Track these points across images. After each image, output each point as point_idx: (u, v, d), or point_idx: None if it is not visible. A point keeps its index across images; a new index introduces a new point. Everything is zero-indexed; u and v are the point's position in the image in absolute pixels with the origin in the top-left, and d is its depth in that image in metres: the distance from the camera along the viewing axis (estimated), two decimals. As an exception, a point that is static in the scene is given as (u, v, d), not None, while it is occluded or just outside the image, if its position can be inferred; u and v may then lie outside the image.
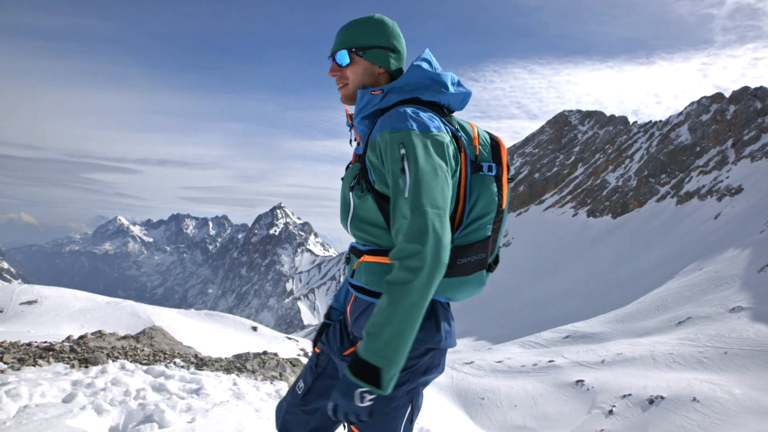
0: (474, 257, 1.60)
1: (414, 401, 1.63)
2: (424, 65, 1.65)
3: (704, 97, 50.99)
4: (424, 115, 1.54)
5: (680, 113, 52.68)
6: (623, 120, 65.09)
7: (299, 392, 1.89)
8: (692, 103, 52.07)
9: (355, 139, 1.75)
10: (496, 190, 1.65)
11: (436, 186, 1.42)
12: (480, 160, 1.65)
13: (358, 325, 1.67)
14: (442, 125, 1.57)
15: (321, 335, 1.95)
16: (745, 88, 46.89)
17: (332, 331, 1.88)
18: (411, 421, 1.64)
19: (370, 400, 1.40)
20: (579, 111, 73.01)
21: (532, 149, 72.87)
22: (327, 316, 1.98)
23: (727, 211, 34.70)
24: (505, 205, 1.68)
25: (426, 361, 1.62)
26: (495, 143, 1.72)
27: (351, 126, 1.75)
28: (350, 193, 1.63)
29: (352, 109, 1.77)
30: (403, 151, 1.46)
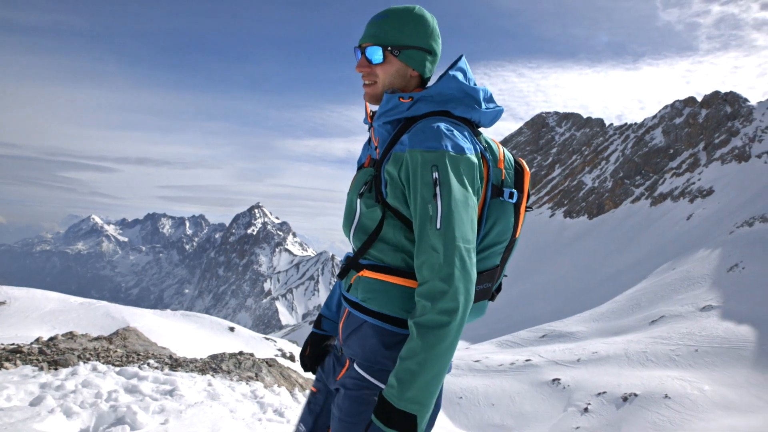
0: (479, 287, 1.48)
1: None
2: (459, 76, 1.51)
3: (677, 100, 52.27)
4: (458, 134, 1.41)
5: (654, 116, 53.89)
6: (599, 122, 66.28)
7: None
8: (666, 107, 53.30)
9: (374, 142, 1.60)
10: (513, 218, 1.53)
11: (467, 218, 1.34)
12: (504, 186, 1.51)
13: (348, 345, 1.56)
14: (472, 144, 1.44)
15: (312, 356, 1.82)
16: (716, 93, 48.23)
17: (327, 363, 1.75)
18: None
19: None
20: (557, 113, 74.09)
21: (510, 150, 73.62)
22: (317, 324, 1.84)
23: (698, 213, 35.63)
24: (518, 234, 1.57)
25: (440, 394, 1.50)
26: (519, 168, 1.58)
27: (370, 126, 1.60)
28: (358, 200, 1.49)
29: (372, 107, 1.62)
30: (435, 174, 1.34)
